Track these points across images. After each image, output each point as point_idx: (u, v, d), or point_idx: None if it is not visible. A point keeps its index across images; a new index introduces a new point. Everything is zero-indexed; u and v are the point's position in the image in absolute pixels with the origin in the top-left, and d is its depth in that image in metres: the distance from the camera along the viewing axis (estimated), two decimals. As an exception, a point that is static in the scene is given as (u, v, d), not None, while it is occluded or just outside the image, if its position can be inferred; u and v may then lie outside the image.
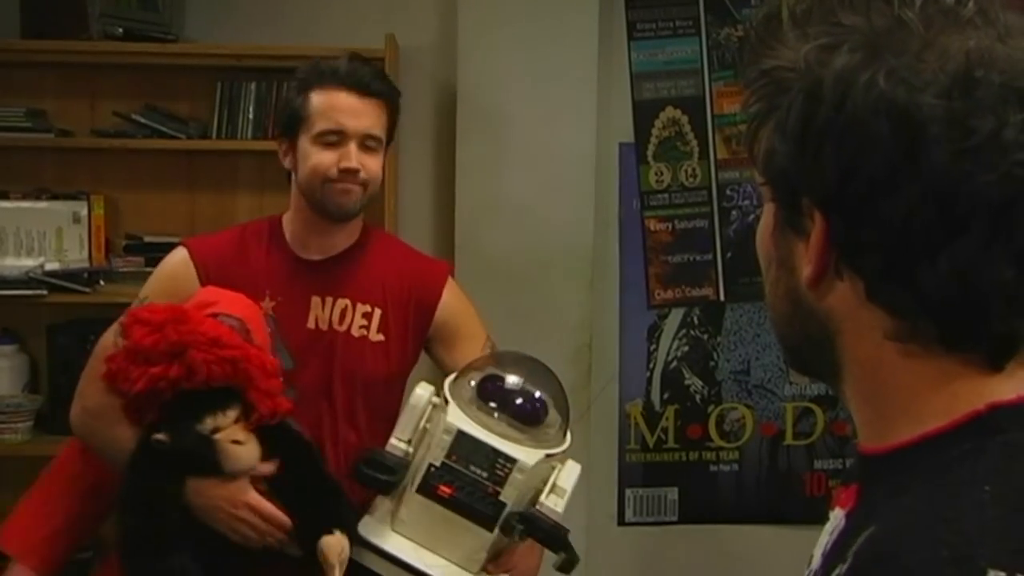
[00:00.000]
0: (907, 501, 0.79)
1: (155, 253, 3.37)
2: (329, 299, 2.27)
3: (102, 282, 3.39)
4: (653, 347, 3.73)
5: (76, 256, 3.44)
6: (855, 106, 0.78)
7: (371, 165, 2.24)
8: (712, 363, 3.75)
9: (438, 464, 2.00)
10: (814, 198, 0.82)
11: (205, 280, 2.23)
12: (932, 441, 0.82)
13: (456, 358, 2.34)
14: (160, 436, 1.95)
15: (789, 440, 3.78)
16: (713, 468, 3.78)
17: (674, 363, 3.74)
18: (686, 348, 3.74)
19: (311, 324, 2.26)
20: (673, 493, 3.77)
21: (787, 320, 0.91)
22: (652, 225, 3.69)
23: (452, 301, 2.39)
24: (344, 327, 2.27)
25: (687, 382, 3.74)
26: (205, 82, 3.43)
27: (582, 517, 3.57)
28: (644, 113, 3.66)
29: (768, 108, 0.85)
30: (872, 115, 0.77)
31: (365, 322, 2.29)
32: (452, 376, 2.18)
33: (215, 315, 2.05)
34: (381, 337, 2.30)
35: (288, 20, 3.51)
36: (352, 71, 2.23)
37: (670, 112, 3.67)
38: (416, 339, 2.36)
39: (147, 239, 3.44)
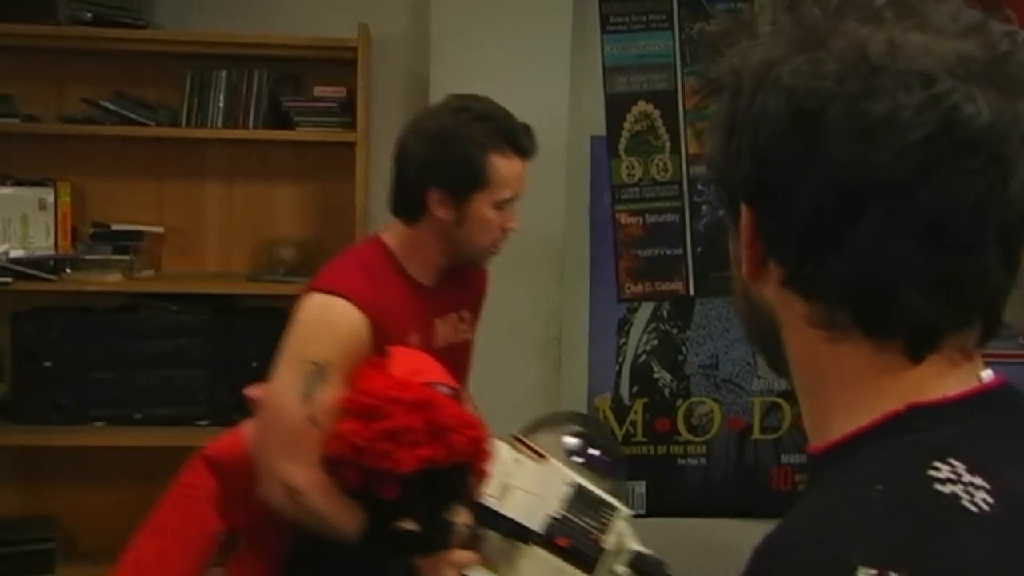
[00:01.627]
0: (808, 500, 0.80)
1: (122, 241, 3.36)
2: (445, 317, 2.41)
3: (68, 270, 3.35)
4: (622, 341, 3.73)
5: (42, 243, 3.40)
6: (763, 99, 0.81)
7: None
8: (681, 357, 3.75)
9: (558, 517, 2.07)
10: (738, 191, 0.85)
11: (372, 334, 2.22)
12: (854, 441, 0.82)
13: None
14: (409, 526, 2.11)
15: (757, 434, 3.79)
16: (681, 462, 3.79)
17: (643, 357, 3.74)
18: (655, 342, 3.74)
19: (438, 343, 2.37)
20: (641, 487, 3.78)
21: (744, 317, 0.93)
22: (623, 219, 3.69)
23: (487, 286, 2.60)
24: (459, 337, 2.45)
25: (656, 376, 3.75)
26: (175, 69, 3.40)
27: (550, 510, 3.57)
28: (616, 107, 3.66)
29: (712, 113, 0.87)
30: (776, 107, 0.80)
31: (465, 326, 2.48)
32: (521, 433, 2.27)
33: (431, 384, 2.15)
34: (471, 334, 2.50)
35: (260, 8, 3.48)
36: (525, 140, 2.31)
37: (642, 106, 3.67)
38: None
39: (114, 227, 3.41)
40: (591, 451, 2.28)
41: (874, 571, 0.71)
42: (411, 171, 2.30)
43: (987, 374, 0.85)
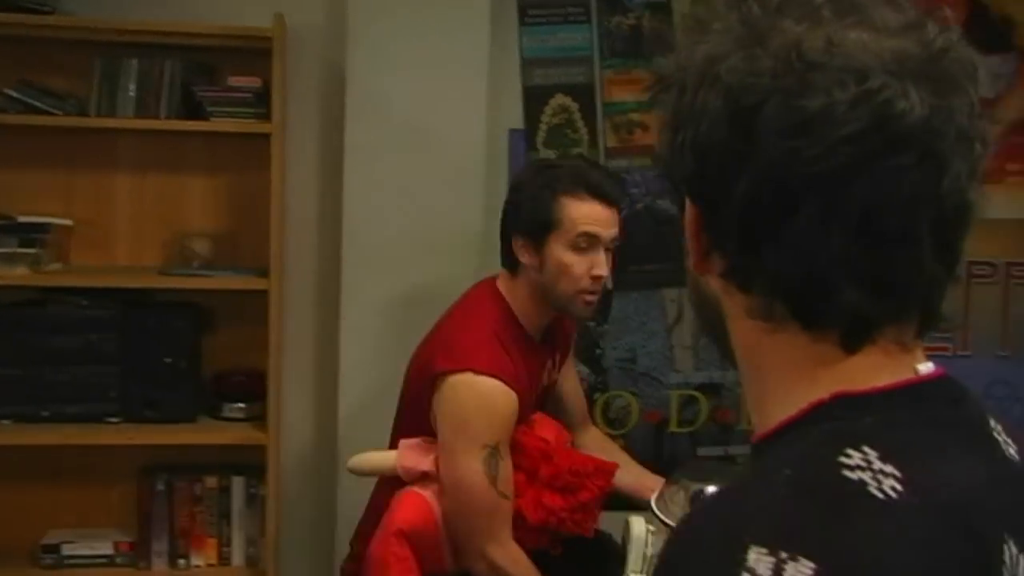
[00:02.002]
0: (729, 485, 0.83)
1: (29, 234, 3.27)
2: (544, 367, 2.65)
3: (-28, 263, 3.25)
4: (541, 335, 3.72)
5: (-55, 236, 3.30)
6: (704, 96, 0.83)
7: (609, 269, 2.53)
8: (599, 351, 3.75)
9: None
10: (683, 186, 0.88)
11: (520, 402, 2.46)
12: (784, 429, 0.85)
13: (568, 384, 2.88)
14: None
15: (674, 427, 3.80)
16: (599, 455, 3.78)
17: (561, 350, 3.73)
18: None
19: (537, 390, 2.62)
20: (559, 481, 3.77)
21: (696, 308, 0.96)
22: (541, 212, 3.67)
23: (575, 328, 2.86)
24: (550, 380, 2.70)
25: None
26: (84, 57, 3.30)
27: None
28: (534, 100, 3.64)
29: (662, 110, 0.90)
30: (715, 104, 0.82)
31: (555, 370, 2.73)
32: (654, 500, 2.37)
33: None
34: (557, 373, 2.74)
35: (173, -5, 3.40)
36: (601, 183, 2.47)
37: (560, 99, 3.66)
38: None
39: (21, 219, 3.30)
40: None
41: (765, 550, 0.72)
42: (503, 221, 2.55)
43: (926, 367, 0.86)
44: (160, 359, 3.29)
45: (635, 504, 2.69)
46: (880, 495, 0.75)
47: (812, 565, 0.71)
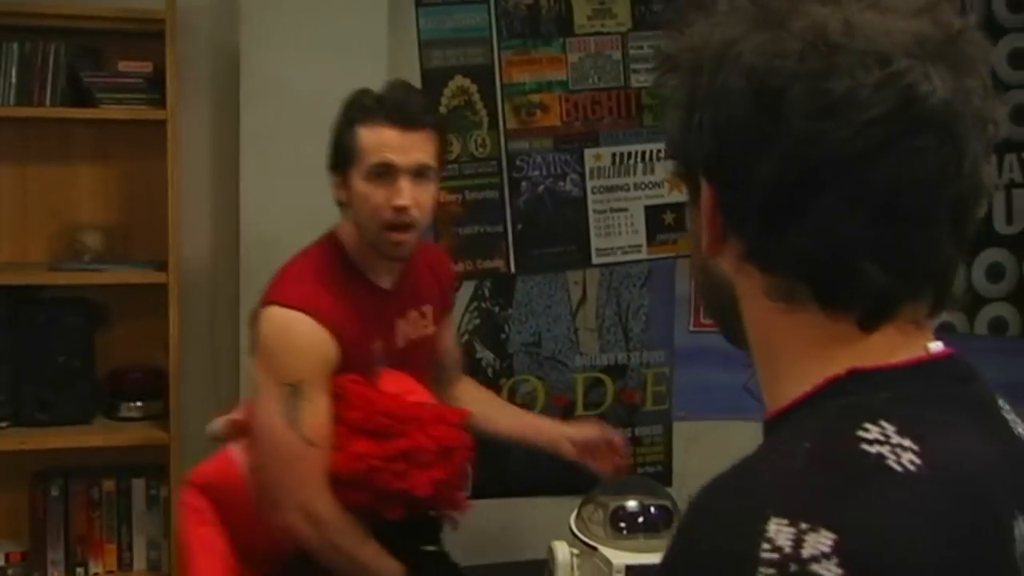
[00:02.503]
0: (744, 457, 0.83)
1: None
2: (405, 315, 2.49)
3: None
4: (445, 321, 3.67)
5: None
6: (725, 77, 0.83)
7: (423, 198, 2.34)
8: (503, 336, 3.71)
9: None
10: (699, 167, 0.88)
11: (339, 343, 2.29)
12: (798, 405, 0.86)
13: (443, 338, 2.68)
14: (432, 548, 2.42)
15: (580, 410, 3.79)
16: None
17: (465, 336, 3.68)
18: (477, 321, 3.69)
19: (399, 343, 2.46)
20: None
21: (703, 290, 0.97)
22: (442, 197, 3.61)
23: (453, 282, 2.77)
24: (419, 333, 2.51)
25: (479, 355, 3.70)
26: (-40, 42, 3.14)
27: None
28: (433, 82, 3.58)
29: (671, 90, 0.90)
30: (737, 84, 0.83)
31: (426, 321, 2.54)
32: (573, 520, 2.36)
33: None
34: (432, 328, 2.57)
35: (55, -25, 3.25)
36: (397, 105, 2.33)
37: (459, 81, 3.60)
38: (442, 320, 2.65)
39: None
40: (636, 515, 2.37)
41: (785, 521, 0.73)
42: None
43: (936, 345, 0.88)
44: (52, 358, 3.16)
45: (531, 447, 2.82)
46: (899, 468, 0.77)
47: (833, 536, 0.72)
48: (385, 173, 2.30)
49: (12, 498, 3.33)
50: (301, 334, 2.26)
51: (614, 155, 3.69)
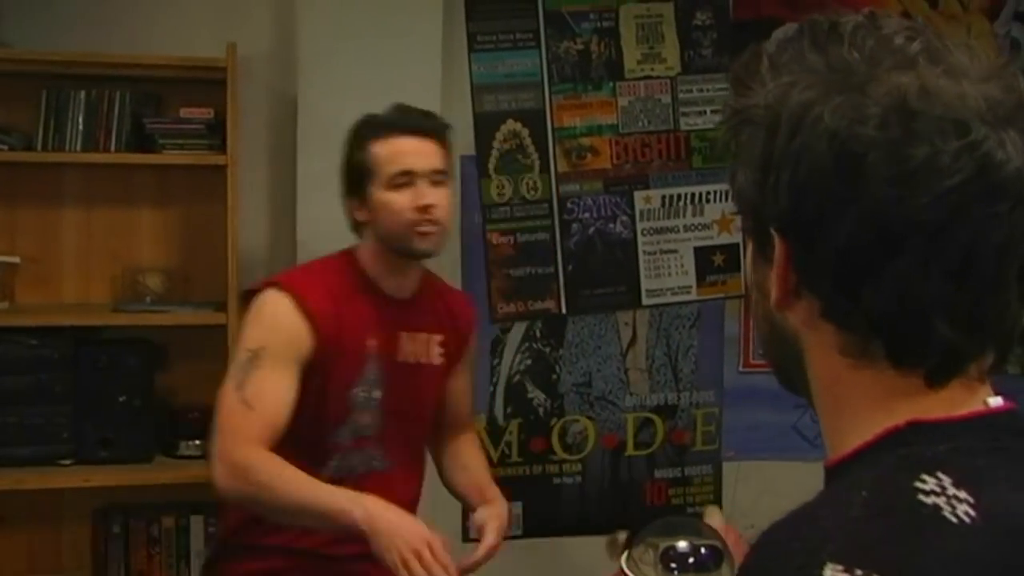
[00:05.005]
0: (803, 504, 0.85)
1: (-25, 272, 3.18)
2: (413, 334, 2.50)
3: (-84, 303, 3.16)
4: (496, 361, 3.71)
5: None
6: (804, 138, 0.84)
7: (441, 199, 2.40)
8: (554, 376, 3.75)
9: None
10: (774, 224, 0.89)
11: (317, 333, 2.34)
12: (858, 455, 0.87)
13: (460, 383, 2.69)
14: None
15: (630, 451, 3.81)
16: (556, 481, 3.78)
17: (517, 377, 3.72)
18: (529, 362, 3.73)
19: (401, 357, 2.47)
20: (517, 507, 3.74)
21: (766, 341, 0.98)
22: (494, 239, 3.67)
23: (473, 337, 2.71)
24: (426, 359, 2.52)
25: (530, 395, 3.74)
26: (29, 90, 3.23)
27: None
28: (485, 126, 3.64)
29: (740, 144, 0.91)
30: (817, 146, 0.83)
31: (440, 349, 2.54)
32: (624, 561, 2.30)
33: None
34: (443, 361, 2.56)
35: (120, 26, 3.33)
36: (405, 117, 2.43)
37: (511, 125, 3.66)
38: (455, 366, 2.63)
39: (-34, 257, 3.23)
40: (686, 556, 2.33)
41: (841, 567, 0.74)
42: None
43: (995, 400, 0.89)
44: (113, 397, 3.21)
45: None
46: (954, 519, 0.78)
47: None
48: (405, 181, 2.36)
49: (74, 534, 3.40)
50: (275, 312, 2.34)
51: (664, 197, 3.73)
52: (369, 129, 2.43)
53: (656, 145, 3.72)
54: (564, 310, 3.72)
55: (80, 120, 3.21)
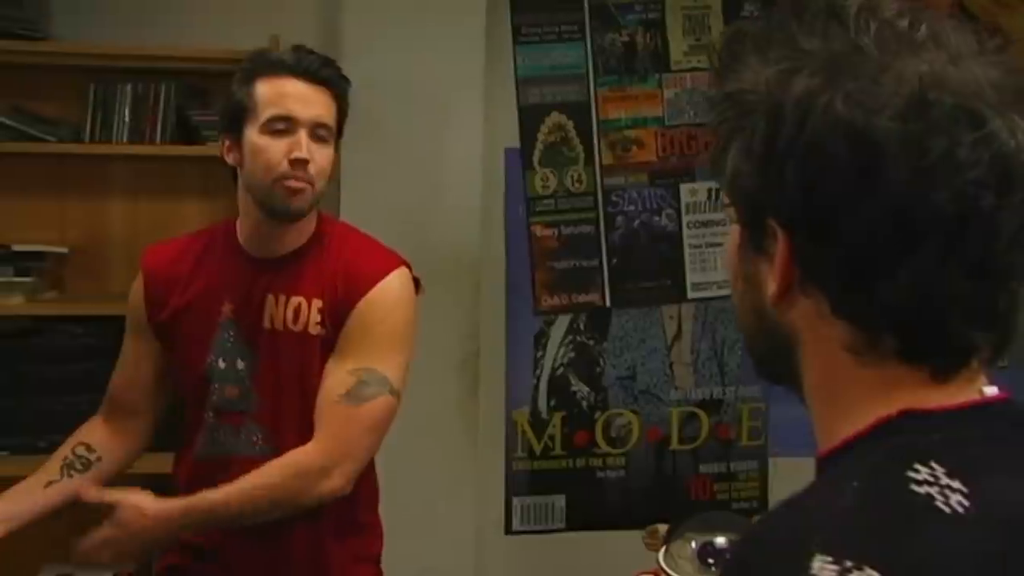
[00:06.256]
0: (793, 495, 0.84)
1: (23, 262, 3.22)
2: (283, 297, 2.21)
3: (-34, 293, 3.20)
4: (540, 354, 3.70)
5: (-63, 266, 3.25)
6: (814, 128, 0.81)
7: (322, 159, 2.15)
8: (598, 369, 3.74)
9: None
10: (778, 218, 0.86)
11: (151, 291, 2.29)
12: (849, 445, 0.86)
13: (328, 363, 2.20)
14: None
15: (675, 445, 3.79)
16: (600, 474, 3.77)
17: (561, 370, 3.72)
18: (572, 354, 3.72)
19: (267, 324, 2.21)
20: (560, 500, 3.75)
21: (752, 333, 0.95)
22: (538, 231, 3.66)
23: (367, 310, 2.20)
24: (300, 326, 2.20)
25: (574, 388, 3.73)
26: (77, 83, 3.27)
27: (469, 527, 3.52)
28: (530, 118, 3.64)
29: (732, 130, 0.88)
30: (830, 137, 0.81)
31: (319, 317, 2.20)
32: (661, 556, 2.37)
33: None
34: (322, 331, 2.20)
35: (165, 19, 3.37)
36: (299, 59, 2.17)
37: (556, 117, 3.65)
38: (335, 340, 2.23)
39: (15, 248, 3.26)
40: (724, 551, 2.36)
41: (829, 559, 0.73)
42: None
43: (991, 389, 0.88)
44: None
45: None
46: (947, 509, 0.77)
47: (877, 575, 0.72)
48: (284, 128, 2.11)
49: (119, 522, 3.43)
50: (133, 286, 2.37)
51: (710, 190, 3.71)
52: (257, 65, 2.19)
53: (702, 137, 3.70)
54: (608, 303, 3.70)
55: (127, 112, 3.25)
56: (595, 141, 3.65)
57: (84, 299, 3.35)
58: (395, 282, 2.25)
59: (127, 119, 3.24)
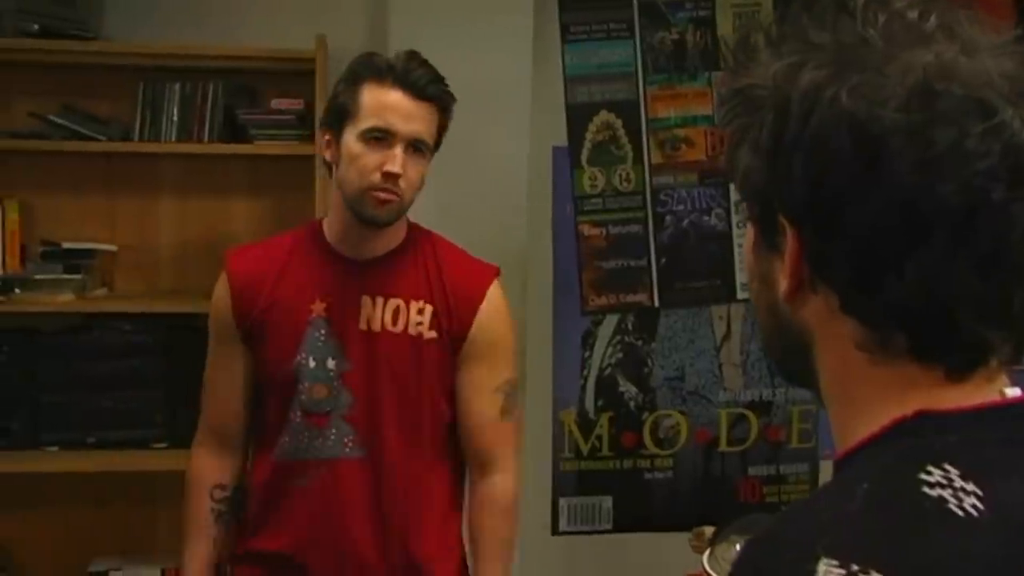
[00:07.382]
0: (805, 497, 0.84)
1: (74, 260, 3.26)
2: (380, 299, 2.23)
3: (17, 290, 3.23)
4: (587, 354, 3.68)
5: (-10, 263, 3.30)
6: (819, 122, 0.80)
7: (413, 173, 2.18)
8: (646, 369, 3.71)
9: None
10: (786, 213, 0.84)
11: (236, 293, 2.25)
12: (865, 446, 0.84)
13: (466, 380, 2.28)
14: None
15: (723, 446, 3.76)
16: (648, 476, 3.74)
17: (608, 370, 3.70)
18: (620, 355, 3.70)
19: (363, 325, 2.22)
20: (607, 501, 3.73)
21: (769, 332, 0.94)
22: (586, 230, 3.64)
23: (489, 325, 2.28)
24: (399, 328, 2.23)
25: (621, 389, 3.70)
26: (126, 82, 3.31)
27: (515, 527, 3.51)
28: (578, 117, 3.62)
29: (743, 126, 0.87)
30: (835, 130, 0.79)
31: (420, 319, 2.23)
32: (706, 558, 2.31)
33: None
34: (434, 334, 2.24)
35: (213, 19, 3.40)
36: (408, 71, 2.17)
37: (604, 116, 3.63)
38: (455, 346, 2.27)
39: (65, 245, 3.31)
40: None
41: (835, 562, 0.72)
42: None
43: (1012, 391, 0.85)
44: (205, 384, 3.27)
45: None
46: (960, 512, 0.75)
47: None
48: (382, 137, 2.13)
49: (168, 516, 3.43)
50: (216, 288, 2.31)
51: (760, 189, 3.66)
52: (366, 68, 2.19)
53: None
54: (657, 303, 3.67)
55: (175, 111, 3.28)
56: (644, 140, 3.63)
57: (133, 296, 3.40)
58: (499, 291, 2.34)
59: (175, 118, 3.28)
